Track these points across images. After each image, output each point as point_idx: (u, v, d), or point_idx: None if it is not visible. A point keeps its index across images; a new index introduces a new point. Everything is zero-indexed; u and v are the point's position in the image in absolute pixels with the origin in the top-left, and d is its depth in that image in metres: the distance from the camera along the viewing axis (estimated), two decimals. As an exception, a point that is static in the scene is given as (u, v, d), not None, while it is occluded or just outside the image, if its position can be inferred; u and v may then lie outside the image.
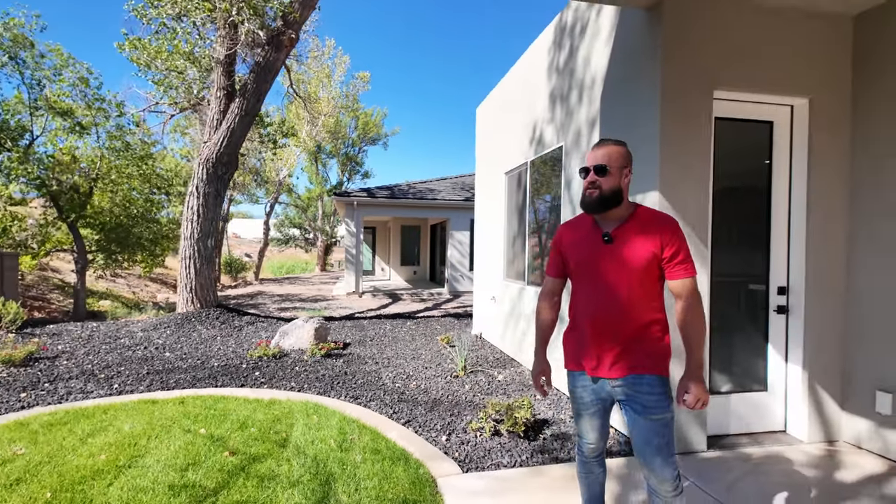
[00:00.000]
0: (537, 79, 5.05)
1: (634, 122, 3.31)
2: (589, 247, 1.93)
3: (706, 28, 3.09)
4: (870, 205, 3.18)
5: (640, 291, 1.83)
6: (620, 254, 1.85)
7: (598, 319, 1.88)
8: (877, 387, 3.09)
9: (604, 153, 1.89)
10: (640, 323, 1.83)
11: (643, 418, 1.81)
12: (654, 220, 1.87)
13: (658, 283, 1.86)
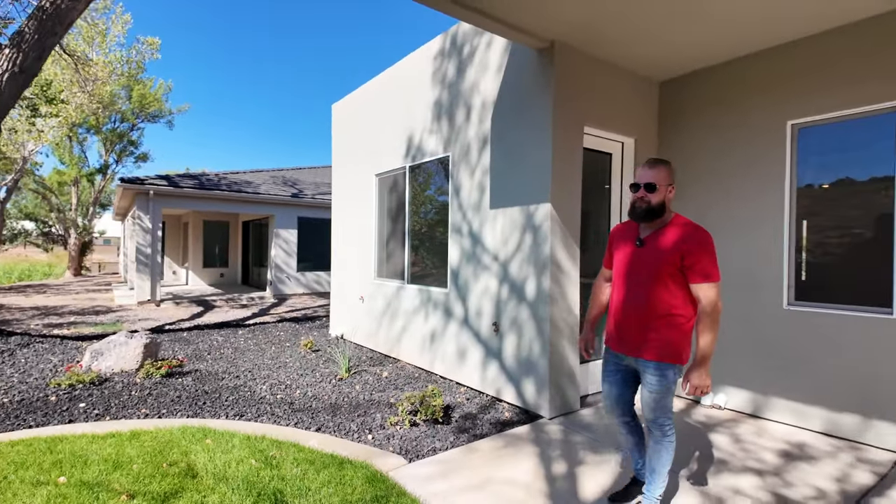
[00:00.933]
0: (418, 90, 5.37)
1: (527, 146, 3.95)
2: (627, 248, 2.31)
3: (581, 75, 3.95)
4: (666, 220, 4.55)
5: (660, 290, 2.17)
6: (647, 257, 2.22)
7: (621, 309, 2.29)
8: (673, 346, 4.44)
9: (654, 173, 2.22)
10: (654, 316, 2.19)
11: (646, 390, 2.26)
12: (683, 231, 2.17)
13: (679, 285, 2.16)
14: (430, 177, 5.36)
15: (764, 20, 3.37)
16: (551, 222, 3.75)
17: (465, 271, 4.66)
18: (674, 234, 2.19)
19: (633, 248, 2.30)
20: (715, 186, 4.15)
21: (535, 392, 3.87)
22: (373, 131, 6.33)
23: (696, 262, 2.11)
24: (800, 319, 3.62)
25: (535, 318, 3.86)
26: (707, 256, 2.11)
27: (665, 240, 2.20)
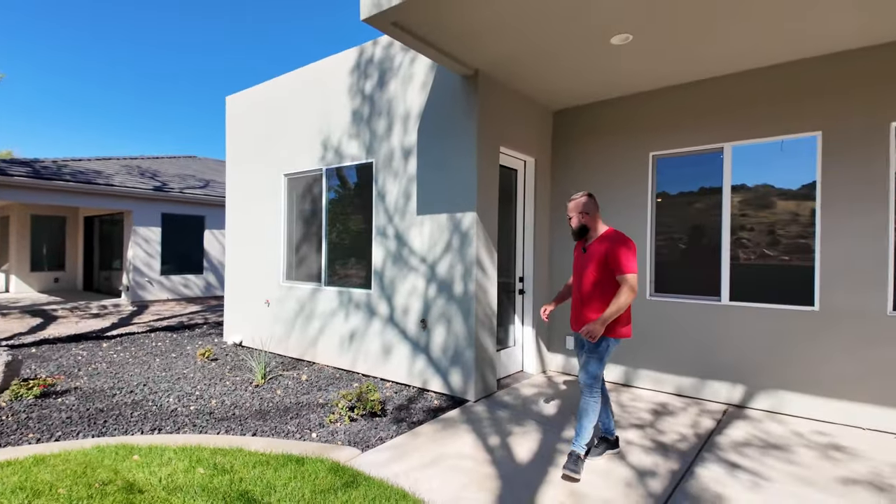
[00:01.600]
0: (338, 96, 5.46)
1: (453, 160, 4.40)
2: (578, 255, 3.13)
3: (498, 101, 4.52)
4: (559, 226, 5.40)
5: (596, 281, 2.95)
6: (588, 260, 3.00)
7: (575, 299, 3.03)
8: (566, 334, 5.29)
9: (571, 205, 3.09)
10: (592, 300, 2.96)
11: (583, 358, 3.01)
12: (607, 238, 2.95)
13: (609, 277, 2.90)
14: (349, 181, 5.49)
15: (630, 74, 4.31)
16: (476, 229, 4.24)
17: (391, 272, 4.92)
18: (600, 243, 2.99)
19: (580, 255, 3.10)
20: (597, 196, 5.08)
21: (462, 379, 4.33)
22: (282, 130, 6.18)
23: (614, 260, 2.88)
24: (657, 307, 4.67)
25: (462, 314, 4.32)
26: (622, 256, 2.85)
27: (595, 248, 3.01)
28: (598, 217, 3.07)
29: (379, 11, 3.24)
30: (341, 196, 5.59)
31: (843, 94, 3.80)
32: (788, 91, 4.02)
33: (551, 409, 4.10)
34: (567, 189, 5.29)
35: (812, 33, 3.51)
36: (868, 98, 3.72)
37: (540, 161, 5.23)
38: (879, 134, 3.68)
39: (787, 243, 4.11)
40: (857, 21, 3.32)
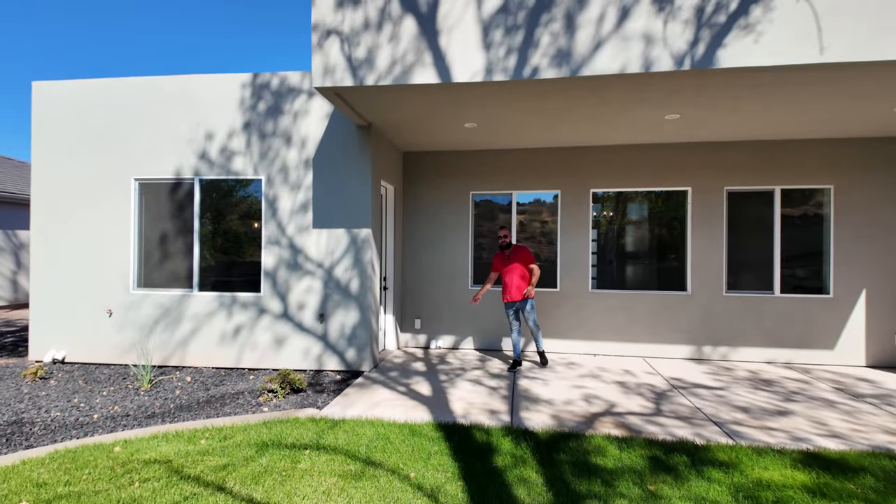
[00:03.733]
0: (220, 112, 5.91)
1: (350, 187, 5.70)
2: (503, 258, 5.65)
3: (379, 144, 6.04)
4: (410, 238, 7.22)
5: (522, 272, 5.25)
6: (514, 260, 5.64)
7: (510, 282, 5.35)
8: (415, 316, 7.15)
9: (505, 231, 5.81)
10: (521, 283, 5.26)
11: (527, 311, 5.38)
12: (521, 248, 5.78)
13: (525, 269, 5.45)
14: (231, 193, 6.00)
15: (467, 142, 6.51)
16: (371, 241, 5.68)
17: (285, 275, 5.81)
18: (518, 251, 5.65)
19: (503, 258, 5.54)
20: (434, 221, 7.12)
21: (357, 356, 5.68)
22: (131, 135, 6.05)
23: (529, 259, 5.50)
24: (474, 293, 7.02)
25: (358, 305, 5.67)
26: (529, 257, 5.54)
27: (515, 253, 5.57)
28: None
29: (329, 86, 4.41)
30: (219, 207, 6.04)
31: (570, 171, 6.85)
32: (548, 165, 6.89)
33: (422, 368, 5.90)
34: (415, 211, 7.16)
35: (562, 138, 6.32)
36: (578, 173, 6.83)
37: (397, 189, 6.94)
38: (585, 194, 6.84)
39: (547, 248, 6.99)
40: (587, 133, 6.25)
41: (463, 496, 2.83)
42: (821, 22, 3.67)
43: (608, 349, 6.71)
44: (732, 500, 2.76)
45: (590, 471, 3.14)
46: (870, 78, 4.04)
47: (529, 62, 4.11)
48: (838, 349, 6.17)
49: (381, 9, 4.32)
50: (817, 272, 6.34)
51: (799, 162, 6.26)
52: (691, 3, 3.87)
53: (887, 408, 4.50)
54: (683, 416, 4.25)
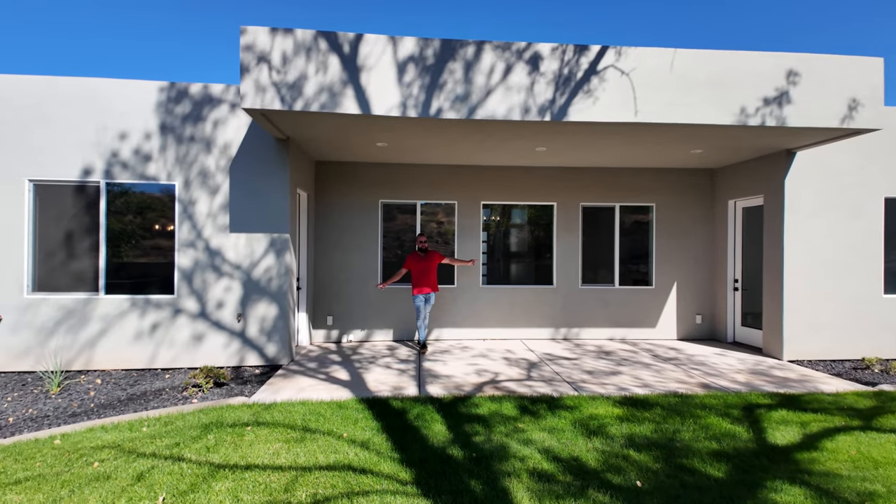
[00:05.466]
0: (126, 117, 5.97)
1: (269, 194, 6.17)
2: (418, 259, 6.52)
3: (296, 155, 6.57)
4: (322, 241, 7.79)
5: (435, 269, 6.28)
6: (429, 261, 6.73)
7: (424, 279, 6.27)
8: (327, 313, 7.75)
9: (423, 238, 6.51)
10: (435, 278, 6.28)
11: (432, 301, 6.43)
12: (434, 252, 6.93)
13: (436, 266, 6.44)
14: (143, 197, 6.08)
15: (378, 157, 7.32)
16: (289, 244, 6.21)
17: (202, 276, 6.07)
18: (432, 254, 6.54)
19: (419, 258, 6.37)
20: (346, 226, 7.81)
21: (277, 350, 6.18)
22: (31, 135, 5.82)
23: (439, 258, 6.52)
24: (385, 292, 7.85)
25: (278, 303, 6.17)
26: (441, 255, 6.57)
27: (430, 256, 6.47)
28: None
29: (258, 108, 4.93)
30: (129, 209, 6.08)
31: (465, 185, 8.02)
32: (448, 179, 7.98)
33: (338, 359, 6.59)
34: (327, 216, 7.76)
35: (459, 158, 7.44)
36: (472, 188, 8.05)
37: (310, 195, 7.49)
38: (477, 205, 8.07)
39: (444, 248, 8.08)
40: (478, 156, 7.43)
41: (387, 443, 3.71)
42: (636, 93, 5.22)
43: (495, 334, 8.03)
44: (571, 426, 4.04)
45: (479, 418, 4.22)
46: (670, 132, 5.75)
47: (436, 103, 5.10)
48: (658, 327, 8.21)
49: (309, 42, 4.97)
50: (645, 269, 8.33)
51: (632, 185, 8.18)
52: (552, 69, 5.18)
53: (683, 367, 6.35)
54: (547, 379, 5.60)
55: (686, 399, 4.82)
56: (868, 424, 4.17)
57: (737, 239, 7.86)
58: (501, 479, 3.14)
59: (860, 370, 6.18)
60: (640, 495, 2.94)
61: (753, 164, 7.28)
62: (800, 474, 3.23)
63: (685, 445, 3.68)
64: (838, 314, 6.67)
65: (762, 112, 5.37)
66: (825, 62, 5.47)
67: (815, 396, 4.98)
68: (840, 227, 6.70)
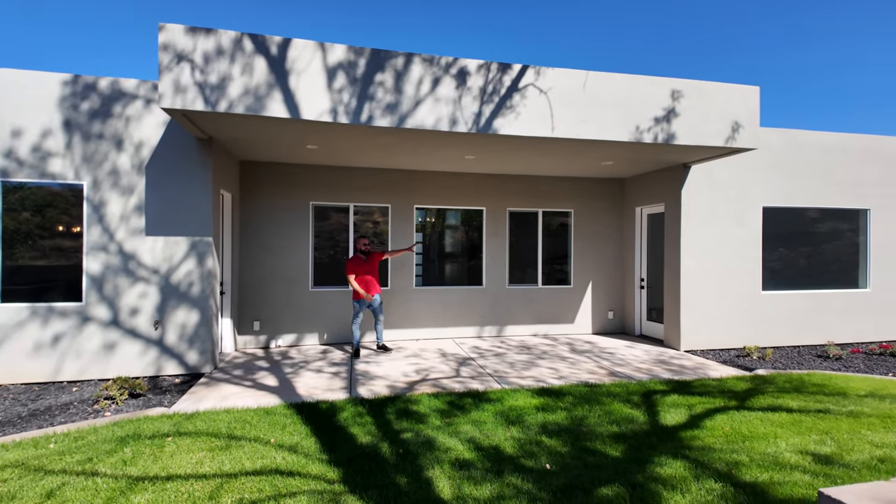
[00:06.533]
0: (26, 110, 5.47)
1: (190, 196, 5.93)
2: (361, 261, 6.59)
3: (220, 156, 6.36)
4: (248, 244, 7.57)
5: (377, 273, 6.34)
6: (372, 263, 6.80)
7: (370, 281, 6.30)
8: (254, 318, 7.55)
9: (365, 241, 6.53)
10: (377, 283, 6.36)
11: (380, 305, 6.44)
12: (377, 254, 6.91)
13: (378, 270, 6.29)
14: (48, 197, 5.60)
15: (308, 158, 7.27)
16: (212, 247, 6.01)
17: (114, 281, 5.71)
18: (374, 255, 6.68)
19: (362, 261, 6.41)
20: (274, 228, 7.66)
21: (199, 358, 5.96)
22: None
23: (379, 257, 6.66)
24: (316, 295, 7.80)
25: (200, 309, 5.95)
26: (381, 254, 6.68)
27: (373, 258, 6.58)
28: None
29: (178, 108, 4.76)
30: (29, 210, 5.58)
31: (399, 189, 8.17)
32: (381, 183, 8.07)
33: (266, 365, 6.48)
34: (254, 218, 7.57)
35: (392, 163, 7.57)
36: (405, 191, 8.22)
37: (234, 196, 7.26)
38: (411, 209, 8.25)
39: (378, 248, 8.18)
40: (410, 161, 7.60)
41: (316, 445, 3.79)
42: (553, 110, 5.67)
43: (428, 334, 8.25)
44: (494, 418, 4.35)
45: (409, 415, 4.41)
46: (583, 146, 6.29)
47: (367, 110, 5.21)
48: (576, 323, 8.87)
49: (233, 43, 4.87)
50: (564, 270, 8.96)
51: (553, 192, 8.77)
52: (478, 84, 5.49)
53: (595, 358, 6.96)
54: (475, 374, 5.91)
55: (595, 388, 5.34)
56: (742, 404, 4.88)
57: (643, 242, 8.70)
58: (426, 470, 3.35)
59: (742, 357, 7.12)
60: (548, 476, 3.29)
61: (656, 175, 8.11)
62: (682, 450, 3.75)
63: (590, 430, 4.12)
64: (726, 309, 7.64)
65: (658, 130, 6.05)
66: (712, 88, 6.27)
67: (703, 382, 5.71)
68: (727, 233, 7.67)
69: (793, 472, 3.36)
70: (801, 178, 7.98)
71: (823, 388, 5.40)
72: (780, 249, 8.03)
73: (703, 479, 3.25)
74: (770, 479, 3.25)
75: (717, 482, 3.20)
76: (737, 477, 3.28)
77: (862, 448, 3.75)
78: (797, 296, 7.94)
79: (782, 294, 7.89)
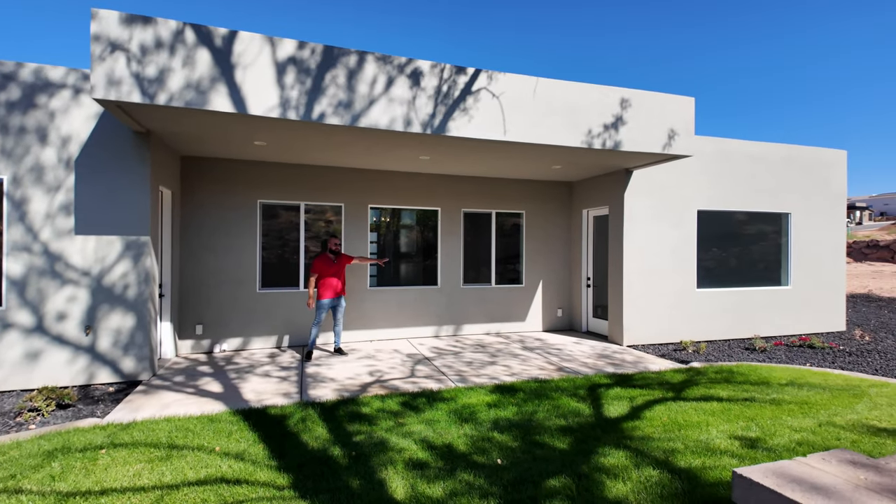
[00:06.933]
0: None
1: (126, 193, 5.57)
2: (329, 261, 6.49)
3: (159, 150, 6.02)
4: (190, 244, 7.20)
5: (345, 274, 6.30)
6: (340, 264, 6.64)
7: (335, 283, 6.13)
8: (196, 322, 7.19)
9: (336, 241, 6.60)
10: (344, 284, 6.30)
11: (342, 307, 6.32)
12: (346, 256, 6.83)
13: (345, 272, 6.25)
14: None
15: (256, 154, 7.02)
16: (150, 247, 5.68)
17: (38, 285, 5.27)
18: (343, 257, 6.51)
19: (330, 261, 6.33)
20: (219, 227, 7.34)
21: (136, 364, 5.61)
22: None
23: (347, 260, 6.47)
24: (264, 296, 7.55)
25: (137, 313, 5.60)
26: (350, 257, 6.57)
27: (342, 259, 6.38)
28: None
29: (112, 99, 4.46)
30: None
31: (353, 188, 8.06)
32: (334, 182, 7.92)
33: (210, 370, 6.20)
34: (196, 216, 7.22)
35: (346, 161, 7.45)
36: (359, 191, 8.12)
37: (175, 193, 6.90)
38: (365, 208, 8.16)
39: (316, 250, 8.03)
40: (365, 160, 7.50)
41: (265, 452, 3.68)
42: (505, 114, 5.81)
43: (383, 335, 8.19)
44: (447, 416, 4.41)
45: (361, 418, 4.38)
46: (533, 150, 6.47)
47: (318, 107, 5.11)
48: (527, 321, 9.11)
49: (174, 33, 4.63)
50: (517, 269, 9.19)
51: (505, 194, 8.97)
52: (433, 85, 5.52)
53: (545, 355, 7.18)
54: (430, 374, 5.95)
55: (544, 383, 5.52)
56: (678, 395, 5.20)
57: (589, 243, 9.07)
58: (379, 472, 3.34)
59: (679, 351, 7.59)
60: (500, 471, 3.38)
61: (601, 179, 8.48)
62: (624, 440, 3.96)
63: (539, 424, 4.26)
64: (665, 305, 8.11)
65: (603, 137, 6.34)
66: (652, 98, 6.64)
67: (643, 375, 6.04)
68: (665, 234, 8.14)
69: (722, 456, 3.63)
70: (730, 183, 8.61)
71: (750, 378, 5.86)
72: (714, 250, 8.62)
73: (643, 467, 3.45)
74: (702, 464, 3.50)
75: (655, 469, 3.41)
76: (673, 464, 3.51)
77: (783, 433, 4.11)
78: (728, 293, 8.56)
79: (715, 291, 8.48)
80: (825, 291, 9.21)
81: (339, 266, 6.78)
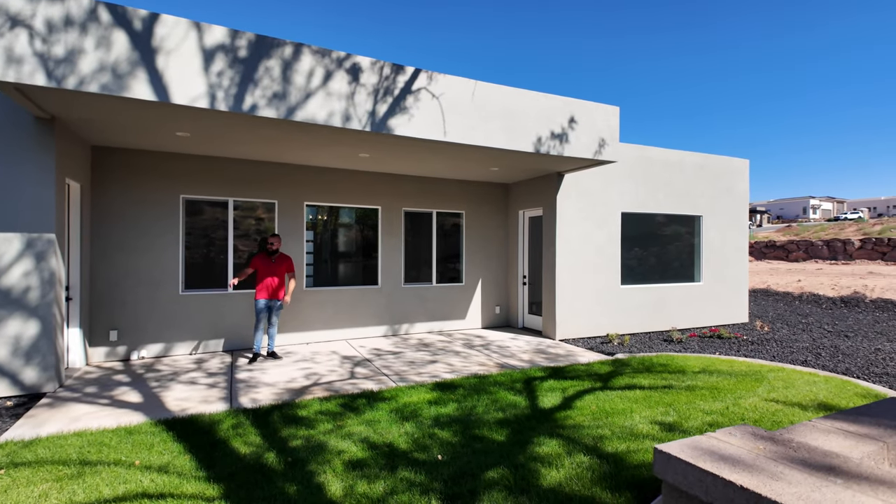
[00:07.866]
0: None
1: (25, 187, 4.98)
2: (267, 262, 6.41)
3: (65, 139, 5.45)
4: (101, 243, 6.58)
5: (282, 277, 6.12)
6: (279, 266, 6.49)
7: (270, 284, 5.90)
8: (110, 327, 6.59)
9: (276, 239, 6.51)
10: (284, 286, 6.05)
11: (278, 309, 6.22)
12: (286, 256, 6.61)
13: (284, 275, 6.36)
14: None
15: (179, 146, 6.56)
16: (55, 246, 5.13)
17: (-87, 290, 4.58)
18: (283, 258, 6.45)
19: (269, 262, 6.26)
20: (135, 224, 6.78)
21: (39, 375, 5.04)
22: None
23: (290, 267, 6.45)
24: (189, 299, 7.07)
25: (41, 319, 5.03)
26: (292, 268, 6.68)
27: (280, 259, 6.42)
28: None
29: (11, 81, 3.98)
30: None
31: (287, 184, 7.76)
32: (266, 177, 7.58)
33: (126, 379, 5.71)
34: (109, 212, 6.61)
35: (279, 156, 7.15)
36: (295, 187, 7.84)
37: (84, 187, 6.28)
38: (300, 205, 7.89)
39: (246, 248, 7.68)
40: (299, 155, 7.24)
41: (192, 463, 3.46)
42: (444, 115, 5.88)
43: (320, 337, 7.97)
44: (388, 416, 4.39)
45: (298, 422, 4.24)
46: (472, 152, 6.61)
47: (250, 98, 4.87)
48: (467, 318, 9.28)
49: (87, 12, 4.22)
50: (457, 268, 9.33)
51: (446, 194, 9.07)
52: (372, 82, 5.47)
53: (485, 351, 7.36)
54: (371, 375, 5.88)
55: (483, 378, 5.66)
56: (605, 385, 5.55)
57: (525, 242, 9.42)
58: (317, 475, 3.27)
59: (606, 344, 8.09)
60: (440, 466, 3.43)
61: (536, 182, 8.84)
62: (557, 429, 4.16)
63: (478, 418, 4.37)
64: (592, 301, 8.60)
65: (537, 141, 6.61)
66: (582, 106, 7.02)
67: (574, 367, 6.37)
68: (593, 234, 8.64)
69: (645, 440, 3.93)
70: (650, 187, 9.30)
71: (668, 367, 6.38)
72: (635, 249, 9.27)
73: (575, 453, 3.65)
74: (627, 448, 3.77)
75: (585, 455, 3.62)
76: (602, 449, 3.74)
77: (696, 416, 4.52)
78: (648, 289, 9.24)
79: (637, 288, 9.12)
80: (731, 287, 10.22)
81: (276, 267, 6.52)
